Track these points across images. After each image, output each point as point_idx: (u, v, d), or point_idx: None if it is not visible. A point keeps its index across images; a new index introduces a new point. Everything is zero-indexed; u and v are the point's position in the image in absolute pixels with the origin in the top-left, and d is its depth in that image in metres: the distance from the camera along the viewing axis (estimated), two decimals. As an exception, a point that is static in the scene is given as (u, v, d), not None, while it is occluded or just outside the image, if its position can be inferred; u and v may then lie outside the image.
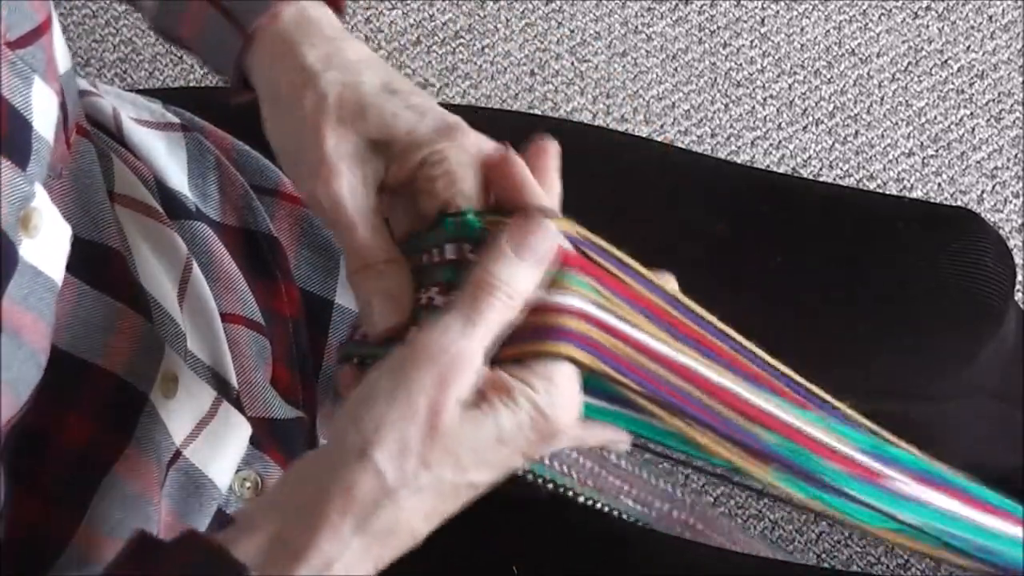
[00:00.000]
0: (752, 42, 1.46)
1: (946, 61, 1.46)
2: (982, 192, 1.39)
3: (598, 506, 0.68)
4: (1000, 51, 1.46)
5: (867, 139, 1.41)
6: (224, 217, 0.70)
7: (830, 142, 1.41)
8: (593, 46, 1.45)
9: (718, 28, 1.47)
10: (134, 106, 0.72)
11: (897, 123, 1.42)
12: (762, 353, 0.53)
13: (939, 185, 1.39)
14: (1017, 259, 1.32)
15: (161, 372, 0.58)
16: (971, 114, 1.43)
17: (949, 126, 1.42)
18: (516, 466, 0.49)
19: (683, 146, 1.39)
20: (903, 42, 1.47)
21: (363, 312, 0.52)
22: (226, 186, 0.70)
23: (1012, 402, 0.90)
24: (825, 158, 1.41)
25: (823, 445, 0.53)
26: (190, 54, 0.61)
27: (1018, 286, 1.18)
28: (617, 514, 0.70)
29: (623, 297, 0.50)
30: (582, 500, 0.67)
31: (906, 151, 1.41)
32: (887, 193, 1.37)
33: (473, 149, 0.53)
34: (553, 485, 0.65)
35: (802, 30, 1.47)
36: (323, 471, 0.46)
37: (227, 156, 0.72)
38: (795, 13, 1.48)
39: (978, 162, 1.40)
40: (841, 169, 1.40)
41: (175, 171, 0.69)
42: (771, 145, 1.41)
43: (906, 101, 1.43)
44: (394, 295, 0.52)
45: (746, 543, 0.77)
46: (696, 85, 1.44)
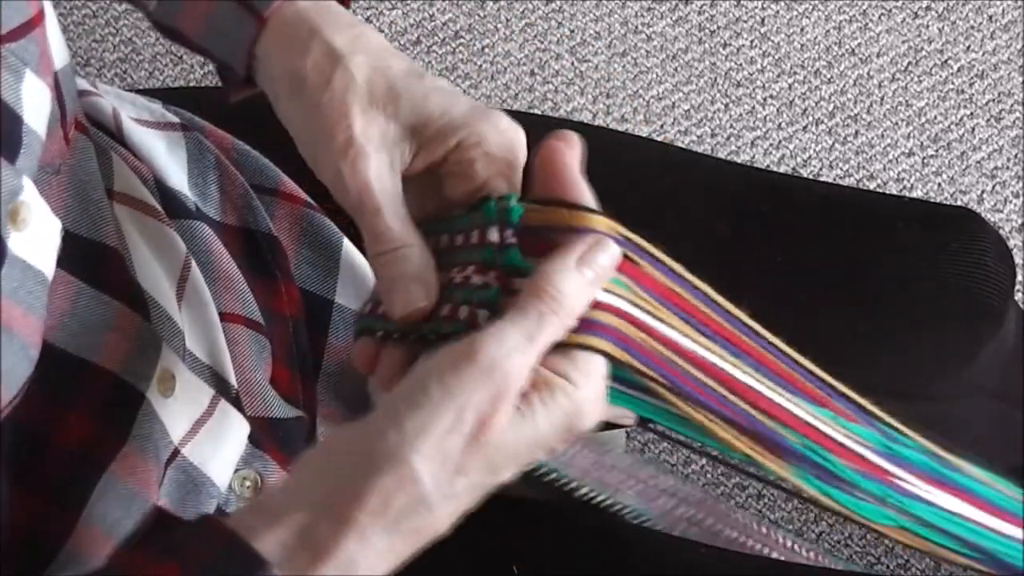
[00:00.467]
0: (752, 42, 1.46)
1: (946, 61, 1.46)
2: (982, 192, 1.39)
3: (600, 498, 0.68)
4: (1000, 51, 1.46)
5: (867, 139, 1.42)
6: (224, 217, 0.70)
7: (830, 142, 1.41)
8: (593, 46, 1.45)
9: (718, 28, 1.47)
10: (134, 106, 0.72)
11: (897, 123, 1.42)
12: (788, 349, 0.54)
13: (939, 185, 1.39)
14: (1017, 259, 1.32)
15: (158, 371, 0.58)
16: (971, 114, 1.43)
17: (949, 126, 1.42)
18: (539, 461, 0.49)
19: (683, 146, 1.39)
20: (903, 42, 1.47)
21: (387, 296, 0.52)
22: (226, 186, 0.70)
23: (1012, 402, 0.90)
24: (825, 158, 1.41)
25: (840, 444, 0.54)
26: (190, 49, 0.61)
27: (1018, 286, 1.18)
28: (618, 508, 0.70)
29: (655, 295, 0.51)
30: (583, 492, 0.67)
31: (906, 151, 1.41)
32: (887, 193, 1.37)
33: (509, 132, 0.53)
34: (555, 476, 0.65)
35: (802, 30, 1.47)
36: (358, 468, 0.45)
37: (227, 156, 0.72)
38: (795, 13, 1.48)
39: (978, 162, 1.40)
40: (841, 169, 1.40)
41: (175, 171, 0.69)
42: (771, 145, 1.41)
43: (906, 101, 1.44)
44: (421, 278, 0.51)
45: (764, 535, 0.77)
46: (696, 85, 1.44)
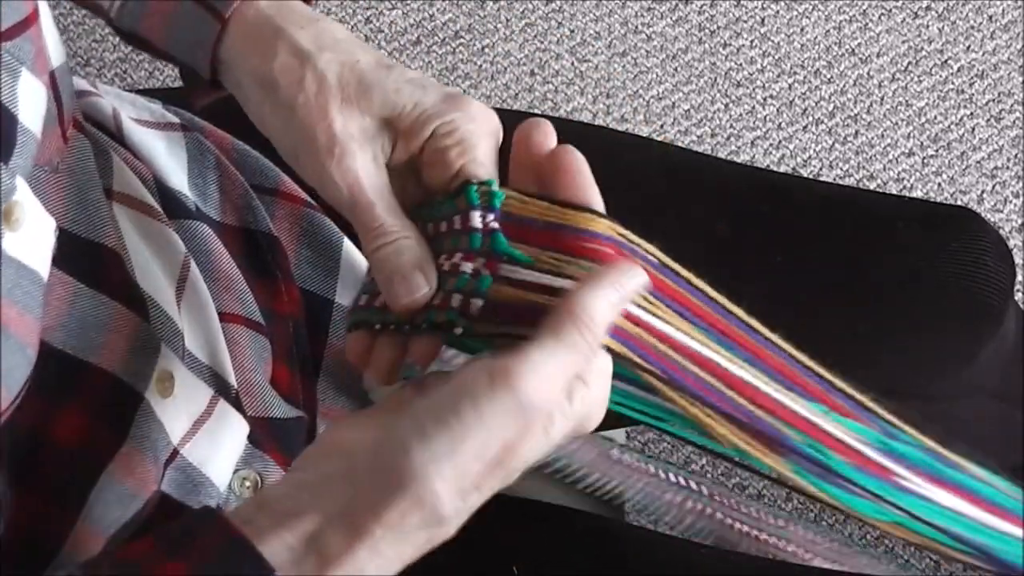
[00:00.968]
0: (752, 42, 1.46)
1: (946, 61, 1.46)
2: (982, 192, 1.39)
3: (606, 488, 0.68)
4: (1000, 51, 1.46)
5: (867, 139, 1.41)
6: (224, 217, 0.70)
7: (830, 142, 1.41)
8: (593, 46, 1.45)
9: (718, 28, 1.47)
10: (134, 106, 0.72)
11: (897, 123, 1.42)
12: (785, 344, 0.54)
13: (939, 185, 1.39)
14: (1017, 259, 1.32)
15: (157, 371, 0.58)
16: (971, 114, 1.43)
17: (949, 126, 1.42)
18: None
19: (683, 146, 1.39)
20: (903, 42, 1.47)
21: (388, 288, 0.52)
22: (226, 186, 0.70)
23: (1012, 402, 0.90)
24: (825, 158, 1.41)
25: (837, 440, 0.54)
26: (153, 55, 0.60)
27: (1018, 286, 1.18)
28: (625, 500, 0.70)
29: (658, 294, 0.51)
30: (590, 482, 0.67)
31: (906, 151, 1.41)
32: (887, 193, 1.37)
33: (480, 117, 0.53)
34: (562, 464, 0.65)
35: (802, 30, 1.47)
36: (378, 482, 0.44)
37: (227, 156, 0.72)
38: (795, 13, 1.48)
39: (978, 162, 1.40)
40: (841, 169, 1.40)
41: (175, 171, 0.69)
42: (771, 145, 1.41)
43: (906, 101, 1.43)
44: (421, 267, 0.51)
45: (777, 527, 0.77)
46: (696, 85, 1.44)
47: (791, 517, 1.20)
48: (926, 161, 1.41)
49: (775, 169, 1.39)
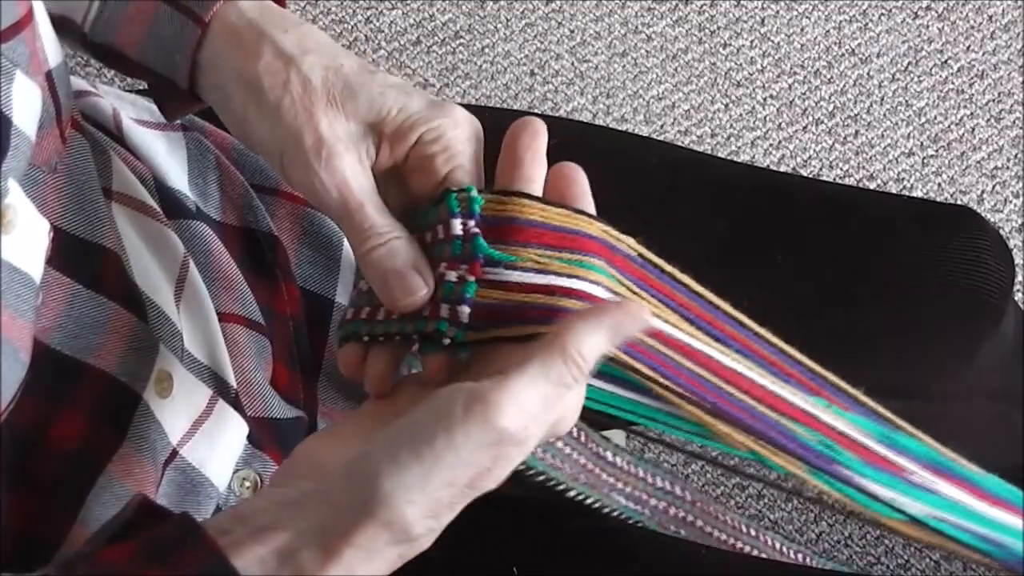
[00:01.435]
0: (752, 42, 1.46)
1: (946, 61, 1.46)
2: (982, 192, 1.39)
3: (588, 501, 0.68)
4: (1000, 51, 1.46)
5: (867, 139, 1.41)
6: (224, 216, 0.70)
7: (830, 142, 1.41)
8: (593, 46, 1.45)
9: (718, 28, 1.47)
10: (134, 106, 0.72)
11: (897, 123, 1.42)
12: (775, 339, 0.54)
13: (939, 185, 1.39)
14: (1017, 259, 1.32)
15: (155, 372, 0.58)
16: (971, 114, 1.43)
17: (949, 126, 1.42)
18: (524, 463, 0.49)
19: (683, 146, 1.39)
20: (903, 42, 1.47)
21: (384, 290, 0.51)
22: (226, 185, 0.70)
23: (1012, 402, 0.90)
24: (825, 158, 1.41)
25: (841, 434, 0.54)
26: (124, 69, 0.59)
27: (1018, 286, 1.18)
28: (608, 511, 0.71)
29: (647, 287, 0.51)
30: (573, 494, 0.67)
31: (906, 151, 1.41)
32: (887, 192, 1.37)
33: (464, 123, 0.53)
34: (544, 478, 0.65)
35: (802, 30, 1.47)
36: (351, 507, 0.44)
37: (227, 155, 0.72)
38: (795, 13, 1.48)
39: (978, 162, 1.40)
40: (841, 169, 1.40)
41: (175, 171, 0.69)
42: (771, 145, 1.41)
43: (906, 101, 1.44)
44: (416, 267, 0.51)
45: (753, 538, 0.77)
46: (696, 85, 1.44)
47: (776, 524, 1.21)
48: (926, 161, 1.41)
49: (775, 169, 1.39)
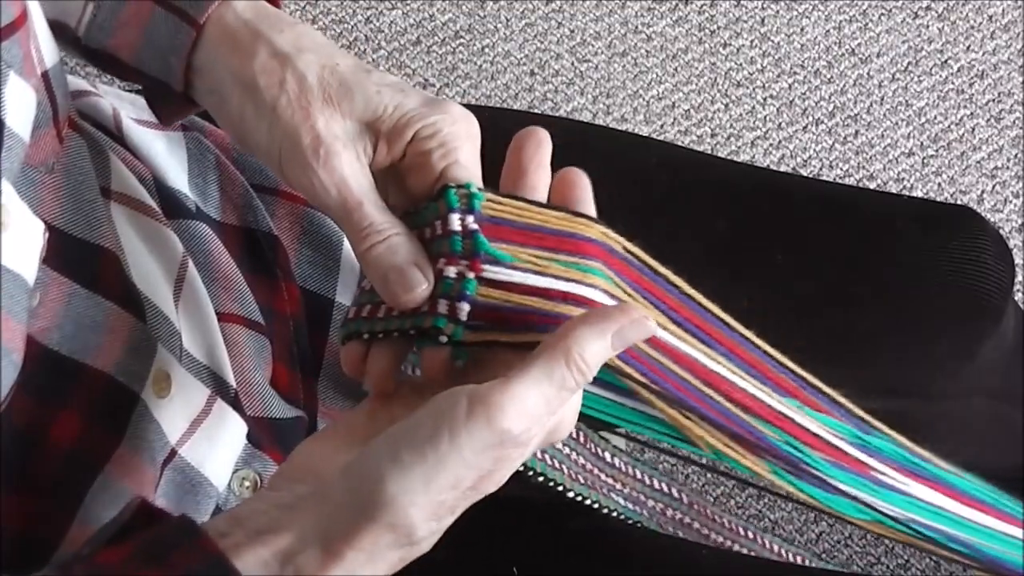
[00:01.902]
0: (752, 42, 1.46)
1: (946, 61, 1.46)
2: (982, 192, 1.39)
3: (587, 502, 0.68)
4: (1000, 51, 1.46)
5: (867, 139, 1.41)
6: (224, 216, 0.70)
7: (830, 142, 1.41)
8: (593, 46, 1.45)
9: (718, 28, 1.47)
10: (134, 106, 0.72)
11: (897, 123, 1.42)
12: (759, 341, 0.54)
13: (939, 185, 1.39)
14: (1017, 259, 1.32)
15: (153, 371, 0.58)
16: (971, 114, 1.43)
17: (949, 126, 1.42)
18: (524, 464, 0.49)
19: (683, 146, 1.39)
20: (903, 42, 1.47)
21: (385, 287, 0.51)
22: (226, 185, 0.70)
23: (1012, 402, 0.90)
24: (825, 158, 1.41)
25: (814, 435, 0.54)
26: (119, 74, 0.59)
27: (1018, 286, 1.18)
28: (607, 511, 0.71)
29: (642, 289, 0.51)
30: (571, 495, 0.67)
31: (906, 151, 1.41)
32: (887, 192, 1.37)
33: (461, 120, 0.53)
34: (543, 479, 0.66)
35: (802, 30, 1.47)
36: (353, 509, 0.44)
37: (227, 155, 0.72)
38: (795, 13, 1.48)
39: (978, 162, 1.40)
40: (841, 169, 1.40)
41: (175, 171, 0.69)
42: (771, 145, 1.41)
43: (906, 101, 1.44)
44: (416, 263, 0.51)
45: (751, 540, 0.77)
46: (696, 85, 1.44)
47: (776, 524, 1.20)
48: (926, 161, 1.41)
49: (775, 169, 1.39)
